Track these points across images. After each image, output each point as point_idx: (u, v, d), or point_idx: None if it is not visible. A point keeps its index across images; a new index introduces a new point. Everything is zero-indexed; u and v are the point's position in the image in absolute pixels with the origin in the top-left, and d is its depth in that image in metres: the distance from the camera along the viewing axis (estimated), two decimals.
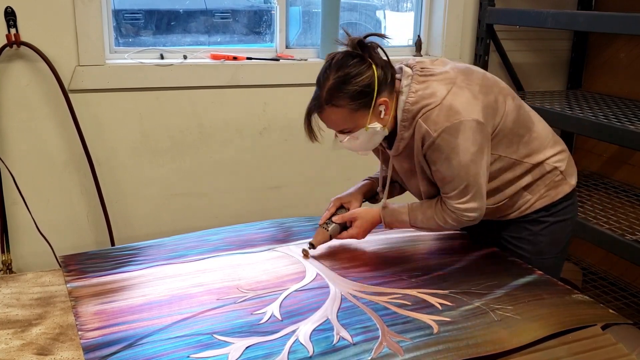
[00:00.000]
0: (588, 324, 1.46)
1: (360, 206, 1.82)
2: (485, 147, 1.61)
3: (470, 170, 1.59)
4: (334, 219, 1.77)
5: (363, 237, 1.78)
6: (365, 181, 1.89)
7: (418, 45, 2.96)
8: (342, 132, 1.63)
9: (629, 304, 2.77)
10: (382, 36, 1.68)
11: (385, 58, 1.61)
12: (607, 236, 2.29)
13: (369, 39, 1.59)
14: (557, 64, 3.24)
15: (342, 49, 1.60)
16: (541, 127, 1.75)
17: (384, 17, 3.18)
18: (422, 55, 2.96)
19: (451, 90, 1.58)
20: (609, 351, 1.39)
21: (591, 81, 3.20)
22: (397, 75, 1.64)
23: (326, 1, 2.70)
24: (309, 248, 1.74)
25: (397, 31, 3.15)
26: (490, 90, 1.64)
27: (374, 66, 1.56)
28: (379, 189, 1.86)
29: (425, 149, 1.60)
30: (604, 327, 1.47)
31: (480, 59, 2.94)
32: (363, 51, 1.57)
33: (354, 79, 1.54)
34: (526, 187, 1.73)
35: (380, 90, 1.57)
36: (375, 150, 1.80)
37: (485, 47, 2.92)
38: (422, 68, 1.63)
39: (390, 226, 1.77)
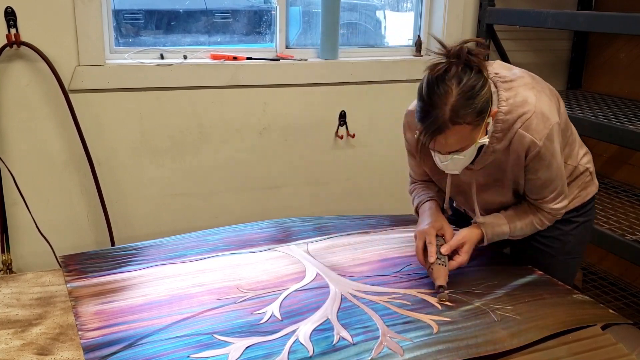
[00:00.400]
0: (588, 324, 1.46)
1: (452, 230, 1.68)
2: None
3: (562, 171, 1.60)
4: (442, 250, 1.60)
5: (468, 261, 1.64)
6: (431, 201, 1.75)
7: (418, 45, 2.96)
8: (452, 151, 1.48)
9: (629, 304, 2.77)
10: (480, 42, 1.55)
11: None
12: (607, 236, 2.29)
13: (471, 47, 1.44)
14: (557, 64, 3.24)
15: (438, 59, 1.43)
16: (573, 127, 1.74)
17: (384, 17, 3.18)
18: (422, 55, 2.96)
19: (536, 95, 1.53)
20: (609, 351, 1.39)
21: (591, 81, 3.20)
22: None
23: (326, 1, 2.70)
24: (443, 291, 1.54)
25: (397, 31, 3.15)
26: (553, 93, 1.63)
27: (486, 75, 1.45)
28: (445, 206, 1.76)
29: (530, 159, 1.54)
30: (604, 327, 1.47)
31: None
32: (477, 61, 1.42)
33: (479, 92, 1.41)
34: None
35: (492, 101, 1.47)
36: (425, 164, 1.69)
37: (485, 47, 2.93)
38: (495, 73, 1.54)
39: (490, 242, 1.67)
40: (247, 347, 1.30)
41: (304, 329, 1.37)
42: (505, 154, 1.55)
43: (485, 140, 1.48)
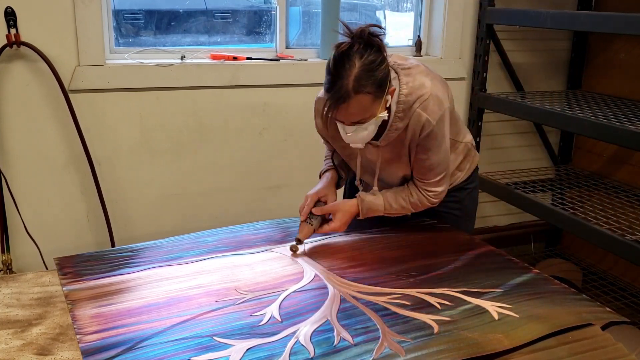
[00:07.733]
0: (588, 323, 1.46)
1: (336, 198, 1.89)
2: None
3: (448, 155, 1.81)
4: (314, 211, 1.82)
5: (344, 229, 1.85)
6: (330, 171, 1.96)
7: (418, 45, 2.95)
8: (356, 122, 1.65)
9: (629, 304, 2.77)
10: (380, 27, 1.70)
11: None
12: (607, 236, 2.28)
13: (371, 29, 1.62)
14: (557, 64, 3.24)
15: (343, 39, 1.61)
16: (458, 114, 1.93)
17: (384, 17, 3.18)
18: (422, 55, 2.96)
19: (431, 81, 1.72)
20: (609, 351, 1.39)
21: (591, 81, 3.20)
22: None
23: (326, 1, 2.70)
24: (297, 244, 1.77)
25: (397, 31, 3.14)
26: (444, 82, 1.80)
27: (385, 54, 1.62)
28: (357, 182, 1.93)
29: (423, 138, 1.72)
30: (603, 327, 1.47)
31: (480, 59, 2.93)
32: (377, 41, 1.61)
33: (379, 66, 1.59)
34: (459, 166, 1.94)
35: (390, 80, 1.65)
36: (334, 140, 1.87)
37: (485, 47, 2.92)
38: (395, 62, 1.74)
39: (365, 216, 1.86)
40: (248, 349, 1.30)
41: (304, 330, 1.37)
42: (405, 132, 1.73)
43: (384, 114, 1.66)
